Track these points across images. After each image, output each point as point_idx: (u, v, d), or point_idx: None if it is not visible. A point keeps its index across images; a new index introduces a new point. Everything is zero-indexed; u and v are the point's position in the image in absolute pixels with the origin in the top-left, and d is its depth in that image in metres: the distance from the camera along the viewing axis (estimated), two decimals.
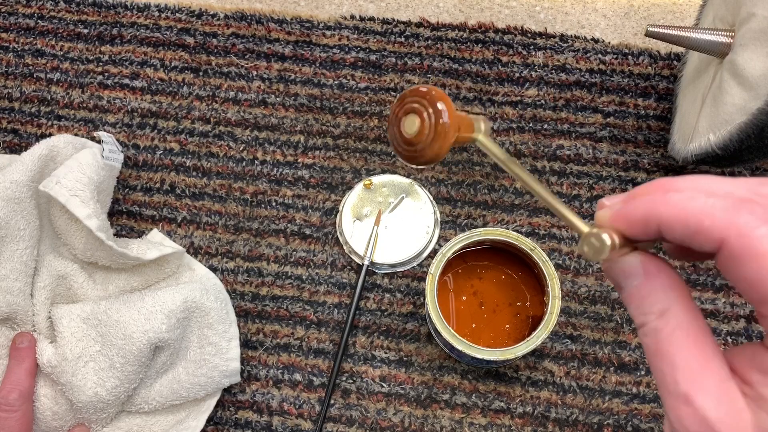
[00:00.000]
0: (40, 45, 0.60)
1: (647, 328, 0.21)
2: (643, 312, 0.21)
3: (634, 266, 0.22)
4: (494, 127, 0.56)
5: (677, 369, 0.20)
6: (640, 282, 0.22)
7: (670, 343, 0.21)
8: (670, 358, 0.20)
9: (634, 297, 0.22)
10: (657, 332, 0.21)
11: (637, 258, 0.22)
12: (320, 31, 0.59)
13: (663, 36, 0.48)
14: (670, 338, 0.21)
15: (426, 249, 0.52)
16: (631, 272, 0.22)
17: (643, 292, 0.22)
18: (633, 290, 0.22)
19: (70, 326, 0.46)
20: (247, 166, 0.55)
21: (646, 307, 0.21)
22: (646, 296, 0.22)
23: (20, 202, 0.46)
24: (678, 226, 0.21)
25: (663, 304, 0.21)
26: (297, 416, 0.49)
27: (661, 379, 0.21)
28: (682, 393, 0.20)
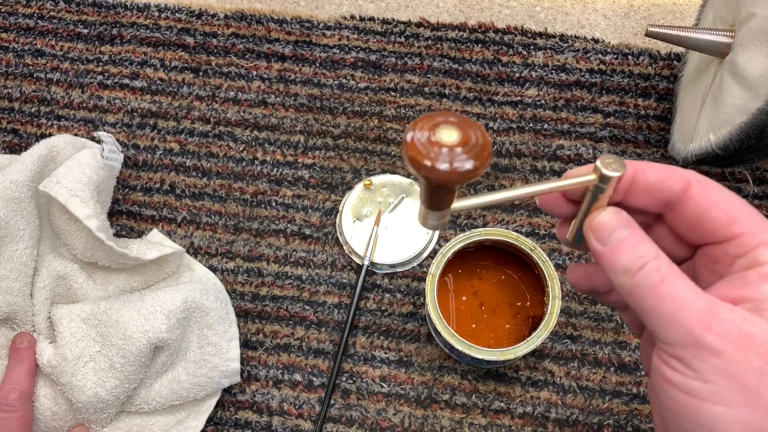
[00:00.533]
0: (40, 45, 0.60)
1: (650, 267, 0.23)
2: (640, 255, 0.23)
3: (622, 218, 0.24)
4: (494, 127, 0.56)
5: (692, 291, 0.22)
6: (630, 231, 0.24)
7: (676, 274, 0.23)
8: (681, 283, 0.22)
9: (626, 244, 0.24)
10: (660, 268, 0.23)
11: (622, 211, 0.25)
12: (320, 31, 0.59)
13: (663, 36, 0.48)
14: (673, 271, 0.23)
15: (426, 249, 0.52)
16: (621, 222, 0.24)
17: (635, 238, 0.24)
18: (625, 238, 0.24)
19: (69, 326, 0.46)
20: (247, 166, 0.55)
21: (641, 251, 0.23)
22: (639, 241, 0.24)
23: (20, 202, 0.46)
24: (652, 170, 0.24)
25: (654, 248, 0.23)
26: (297, 416, 0.49)
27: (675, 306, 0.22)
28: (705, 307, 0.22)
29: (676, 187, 0.24)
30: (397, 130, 0.56)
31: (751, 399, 0.21)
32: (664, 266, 0.23)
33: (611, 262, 0.24)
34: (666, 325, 0.22)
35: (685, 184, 0.24)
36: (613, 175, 0.24)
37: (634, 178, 0.25)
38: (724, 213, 0.23)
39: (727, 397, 0.21)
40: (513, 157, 0.55)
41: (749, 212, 0.23)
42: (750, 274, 0.23)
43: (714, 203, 0.24)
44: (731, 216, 0.23)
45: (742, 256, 0.23)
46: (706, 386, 0.21)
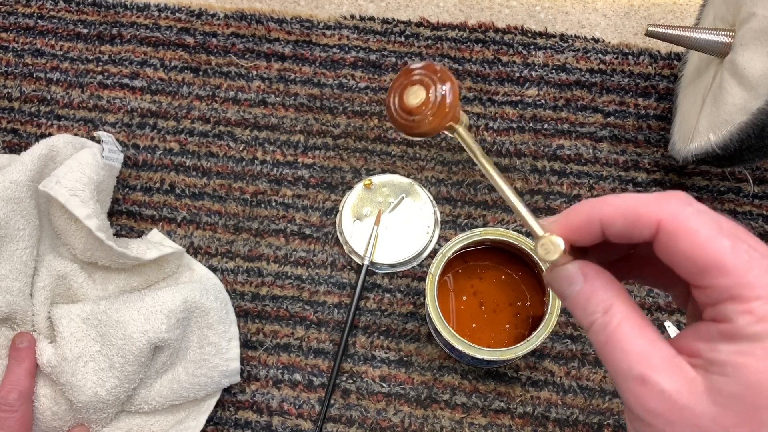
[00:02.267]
0: (40, 45, 0.60)
1: (597, 325, 0.23)
2: (590, 312, 0.23)
3: (574, 272, 0.24)
4: (494, 126, 0.56)
5: (630, 354, 0.22)
6: (581, 286, 0.24)
7: (620, 334, 0.22)
8: (622, 346, 0.22)
9: (579, 300, 0.24)
10: (606, 326, 0.23)
11: (575, 265, 0.25)
12: (320, 30, 0.59)
13: (663, 36, 0.48)
14: (619, 329, 0.22)
15: (426, 249, 0.52)
16: (573, 278, 0.24)
17: (586, 294, 0.24)
18: (577, 294, 0.24)
19: (69, 326, 0.46)
20: (247, 166, 0.55)
21: (591, 307, 0.23)
22: (589, 297, 0.24)
23: (20, 202, 0.46)
24: (618, 219, 0.23)
25: (606, 302, 0.23)
26: (297, 416, 0.49)
27: (615, 369, 0.22)
28: (637, 375, 0.22)
29: (644, 234, 0.23)
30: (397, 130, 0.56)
31: None
32: (611, 323, 0.23)
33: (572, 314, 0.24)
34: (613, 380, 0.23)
35: (653, 229, 0.22)
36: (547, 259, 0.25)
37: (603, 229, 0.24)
38: (693, 264, 0.22)
39: None
40: (513, 157, 0.55)
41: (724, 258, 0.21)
42: (712, 328, 0.22)
43: (682, 252, 0.22)
44: (699, 267, 0.22)
45: (710, 306, 0.22)
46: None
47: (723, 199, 0.54)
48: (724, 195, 0.54)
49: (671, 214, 0.22)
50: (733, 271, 0.21)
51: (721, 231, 0.22)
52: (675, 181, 0.54)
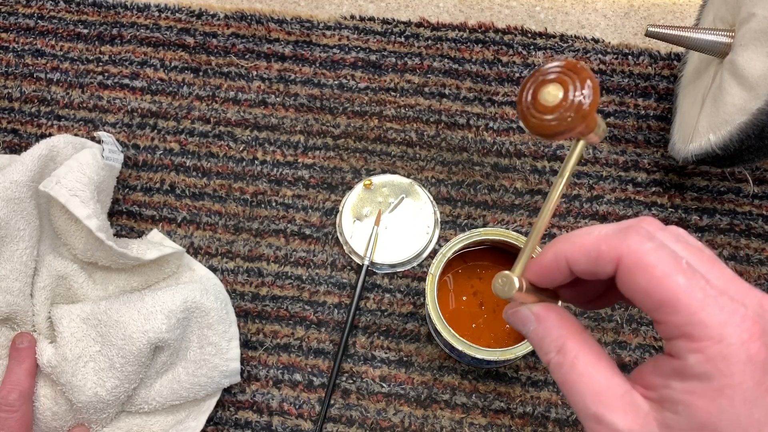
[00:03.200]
0: (40, 45, 0.60)
1: (552, 365, 0.24)
2: (545, 351, 0.24)
3: (525, 314, 0.25)
4: (494, 127, 0.56)
5: (584, 394, 0.23)
6: (534, 326, 0.25)
7: (573, 373, 0.23)
8: (576, 386, 0.23)
9: (534, 340, 0.25)
10: (560, 366, 0.23)
11: (529, 307, 0.25)
12: (320, 31, 0.59)
13: (663, 36, 0.48)
14: (572, 369, 0.23)
15: (426, 249, 0.52)
16: (525, 319, 0.25)
17: (540, 334, 0.25)
18: (531, 334, 0.25)
19: (70, 326, 0.46)
20: (247, 166, 0.55)
21: (545, 347, 0.24)
22: (543, 337, 0.24)
23: (20, 202, 0.46)
24: (581, 257, 0.24)
25: (558, 341, 0.24)
26: (297, 416, 0.49)
27: (574, 406, 0.23)
28: (592, 414, 0.22)
29: (607, 271, 0.23)
30: (397, 130, 0.56)
31: None
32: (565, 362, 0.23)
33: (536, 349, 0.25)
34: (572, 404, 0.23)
35: (614, 265, 0.23)
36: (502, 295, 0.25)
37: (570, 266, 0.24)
38: (649, 299, 0.22)
39: None
40: (513, 157, 0.55)
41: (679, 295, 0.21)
42: (667, 363, 0.22)
43: (639, 289, 0.22)
44: (655, 302, 0.22)
45: (667, 341, 0.22)
46: None
47: (723, 199, 0.54)
48: (724, 195, 0.54)
49: (630, 250, 0.22)
50: (685, 309, 0.21)
51: (677, 267, 0.22)
52: (675, 181, 0.54)
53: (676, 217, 0.53)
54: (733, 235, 0.53)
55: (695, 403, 0.21)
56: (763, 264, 0.52)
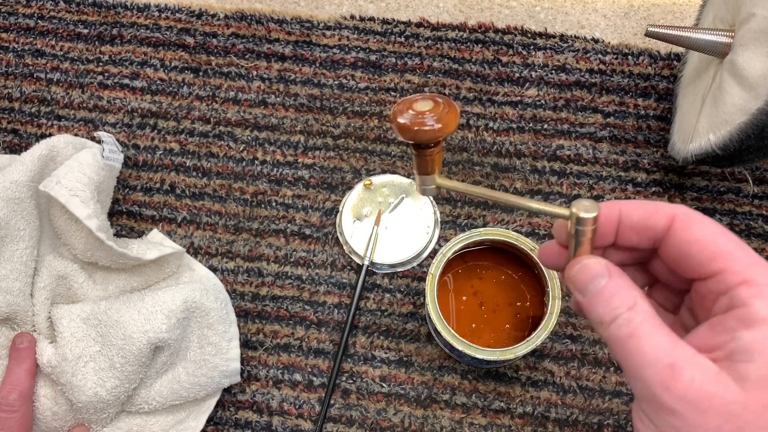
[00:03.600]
0: (40, 45, 0.60)
1: (621, 319, 0.23)
2: (614, 307, 0.24)
3: (599, 267, 0.25)
4: (494, 127, 0.56)
5: (656, 347, 0.22)
6: (607, 281, 0.24)
7: (645, 329, 0.23)
8: (648, 340, 0.22)
9: (602, 295, 0.24)
10: (630, 321, 0.23)
11: (601, 261, 0.25)
12: (320, 31, 0.59)
13: (663, 36, 0.48)
14: (644, 325, 0.23)
15: (426, 249, 0.52)
16: (598, 273, 0.25)
17: (612, 290, 0.24)
18: (601, 289, 0.24)
19: (70, 326, 0.46)
20: (247, 166, 0.55)
21: (615, 303, 0.24)
22: (615, 293, 0.24)
23: (20, 202, 0.46)
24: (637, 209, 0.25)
25: (631, 299, 0.24)
26: (297, 416, 0.49)
27: (640, 360, 0.22)
28: (666, 364, 0.22)
29: (660, 225, 0.25)
30: None
31: None
32: (636, 319, 0.23)
33: (589, 313, 0.24)
34: (632, 379, 0.23)
35: (668, 220, 0.24)
36: (586, 216, 0.25)
37: (620, 218, 0.26)
38: (706, 249, 0.23)
39: None
40: (513, 157, 0.55)
41: (734, 248, 0.23)
42: (728, 318, 0.22)
43: (696, 240, 0.24)
44: (712, 252, 0.23)
45: (723, 294, 0.23)
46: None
47: (723, 199, 0.54)
48: (724, 195, 0.54)
49: (684, 211, 0.24)
50: (744, 258, 0.22)
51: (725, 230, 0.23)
52: (675, 181, 0.55)
53: None
54: None
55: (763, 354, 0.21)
56: None
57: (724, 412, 0.21)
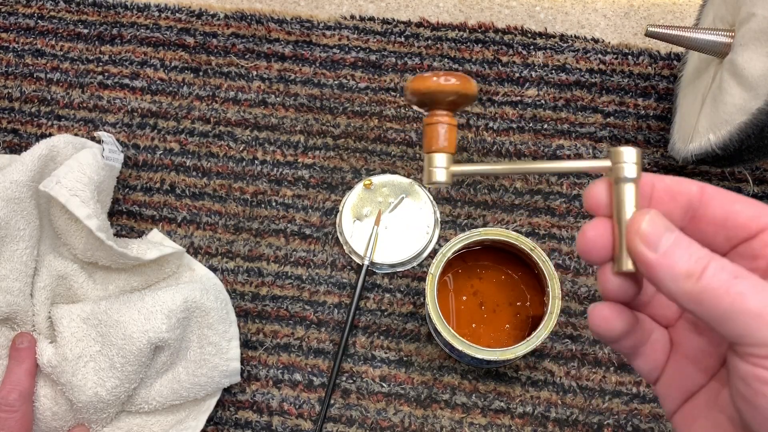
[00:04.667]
0: (40, 45, 0.60)
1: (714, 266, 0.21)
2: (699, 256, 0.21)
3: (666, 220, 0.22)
4: (494, 127, 0.56)
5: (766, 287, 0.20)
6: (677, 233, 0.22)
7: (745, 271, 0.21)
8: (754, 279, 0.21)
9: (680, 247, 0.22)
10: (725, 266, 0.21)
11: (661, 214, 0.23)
12: (320, 31, 0.59)
13: (663, 36, 0.48)
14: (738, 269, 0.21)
15: (426, 249, 0.52)
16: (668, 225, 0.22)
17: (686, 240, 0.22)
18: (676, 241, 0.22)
19: (70, 326, 0.46)
20: (247, 166, 0.55)
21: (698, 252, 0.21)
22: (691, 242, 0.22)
23: (20, 202, 0.46)
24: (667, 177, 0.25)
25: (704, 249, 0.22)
26: (297, 416, 0.49)
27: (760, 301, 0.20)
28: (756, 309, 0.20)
29: (693, 189, 0.24)
30: (397, 130, 0.56)
31: None
32: (728, 264, 0.21)
33: (669, 268, 0.21)
34: (757, 324, 0.20)
35: (700, 186, 0.24)
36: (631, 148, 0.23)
37: (653, 183, 0.24)
38: (750, 206, 0.23)
39: None
40: (513, 157, 0.55)
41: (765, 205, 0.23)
42: None
43: (734, 199, 0.23)
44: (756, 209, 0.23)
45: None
46: None
47: None
48: None
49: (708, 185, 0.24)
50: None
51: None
52: None
53: None
54: None
55: None
56: None
57: None
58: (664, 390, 0.26)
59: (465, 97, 0.26)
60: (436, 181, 0.26)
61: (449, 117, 0.27)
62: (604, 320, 0.24)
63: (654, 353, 0.26)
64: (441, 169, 0.26)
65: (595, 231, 0.24)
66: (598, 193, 0.24)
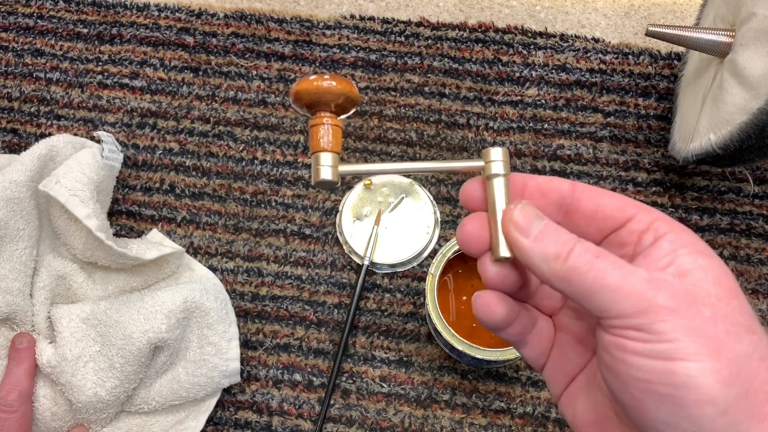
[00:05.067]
0: (40, 45, 0.60)
1: (579, 248, 0.23)
2: (566, 239, 0.24)
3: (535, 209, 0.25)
4: (494, 126, 0.56)
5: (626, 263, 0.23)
6: (547, 220, 0.25)
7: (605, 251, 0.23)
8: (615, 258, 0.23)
9: (549, 232, 0.24)
10: (589, 248, 0.23)
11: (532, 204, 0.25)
12: (320, 30, 0.59)
13: (663, 36, 0.48)
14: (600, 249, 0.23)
15: (426, 249, 0.52)
16: (537, 213, 0.25)
17: (554, 226, 0.24)
18: (546, 227, 0.24)
19: (69, 326, 0.46)
20: (246, 166, 0.55)
21: (564, 236, 0.24)
22: (558, 228, 0.24)
23: (20, 202, 0.46)
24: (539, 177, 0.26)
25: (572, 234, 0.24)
26: (297, 416, 0.49)
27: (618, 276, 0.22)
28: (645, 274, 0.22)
29: (564, 186, 0.26)
30: (397, 129, 0.56)
31: (714, 347, 0.21)
32: (591, 245, 0.23)
33: (540, 251, 0.24)
34: (615, 297, 0.22)
35: (570, 184, 0.26)
36: (498, 148, 0.26)
37: (525, 182, 0.26)
38: (615, 200, 0.25)
39: (693, 350, 0.21)
40: (513, 157, 0.55)
41: (627, 199, 0.25)
42: (662, 243, 0.23)
43: (602, 194, 0.25)
44: (621, 202, 0.25)
45: (645, 231, 0.24)
46: (671, 345, 0.21)
47: (723, 199, 0.54)
48: (724, 195, 0.54)
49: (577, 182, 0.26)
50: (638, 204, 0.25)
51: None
52: (675, 180, 0.54)
53: (677, 217, 0.53)
54: (733, 235, 0.53)
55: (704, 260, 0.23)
56: (764, 264, 0.52)
57: (708, 304, 0.22)
58: (549, 374, 0.28)
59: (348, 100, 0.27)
60: (322, 179, 0.28)
61: (333, 118, 0.28)
62: (486, 306, 0.26)
63: (539, 340, 0.28)
64: (327, 167, 0.28)
65: (472, 224, 0.26)
66: (473, 190, 0.27)
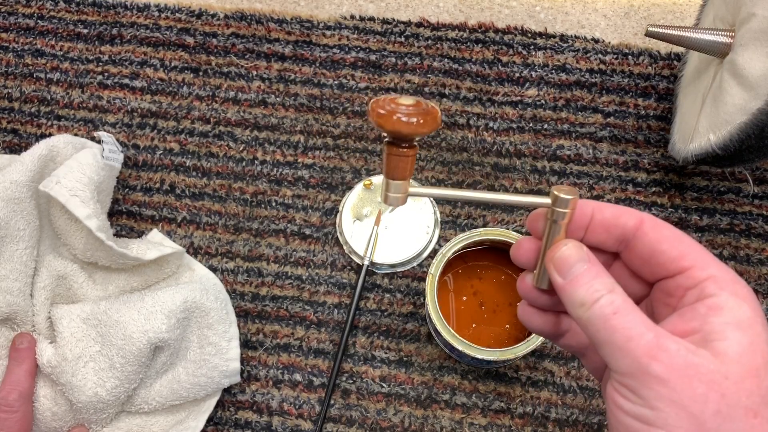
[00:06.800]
0: (40, 45, 0.60)
1: (604, 300, 0.24)
2: (596, 289, 0.25)
3: (582, 252, 0.26)
4: (494, 127, 0.56)
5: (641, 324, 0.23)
6: (589, 266, 0.26)
7: (627, 307, 0.24)
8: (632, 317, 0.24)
9: (585, 278, 0.25)
10: (613, 301, 0.24)
11: (582, 246, 0.26)
12: (320, 31, 0.59)
13: (663, 36, 0.48)
14: (625, 304, 0.24)
15: (426, 249, 0.52)
16: (581, 257, 0.26)
17: (593, 273, 0.25)
18: (583, 272, 0.25)
19: (69, 326, 0.46)
20: (247, 166, 0.55)
21: (597, 285, 0.25)
22: (596, 276, 0.25)
23: (20, 202, 0.46)
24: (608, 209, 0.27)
25: (609, 284, 0.25)
26: (297, 416, 0.49)
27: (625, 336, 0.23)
28: (652, 338, 0.23)
29: (630, 223, 0.26)
30: None
31: (694, 424, 0.22)
32: (617, 300, 0.24)
33: (569, 295, 0.25)
34: (616, 354, 0.23)
35: (638, 221, 0.26)
36: (567, 197, 0.26)
37: (592, 215, 0.27)
38: (675, 248, 0.25)
39: (673, 422, 0.22)
40: (513, 157, 0.55)
41: (697, 248, 0.25)
42: (699, 306, 0.24)
43: (665, 238, 0.26)
44: (681, 251, 0.25)
45: (691, 288, 0.25)
46: (652, 413, 0.22)
47: (723, 199, 0.54)
48: (724, 195, 0.54)
49: (650, 216, 0.26)
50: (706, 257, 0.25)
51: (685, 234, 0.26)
52: (675, 181, 0.54)
53: (676, 217, 0.53)
54: (733, 235, 0.53)
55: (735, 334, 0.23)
56: (763, 264, 0.52)
57: (708, 381, 0.22)
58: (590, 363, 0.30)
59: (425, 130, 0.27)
60: (392, 205, 0.29)
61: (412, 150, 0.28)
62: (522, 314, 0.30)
63: (577, 335, 0.30)
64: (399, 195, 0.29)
65: (528, 245, 0.29)
66: (536, 222, 0.29)
